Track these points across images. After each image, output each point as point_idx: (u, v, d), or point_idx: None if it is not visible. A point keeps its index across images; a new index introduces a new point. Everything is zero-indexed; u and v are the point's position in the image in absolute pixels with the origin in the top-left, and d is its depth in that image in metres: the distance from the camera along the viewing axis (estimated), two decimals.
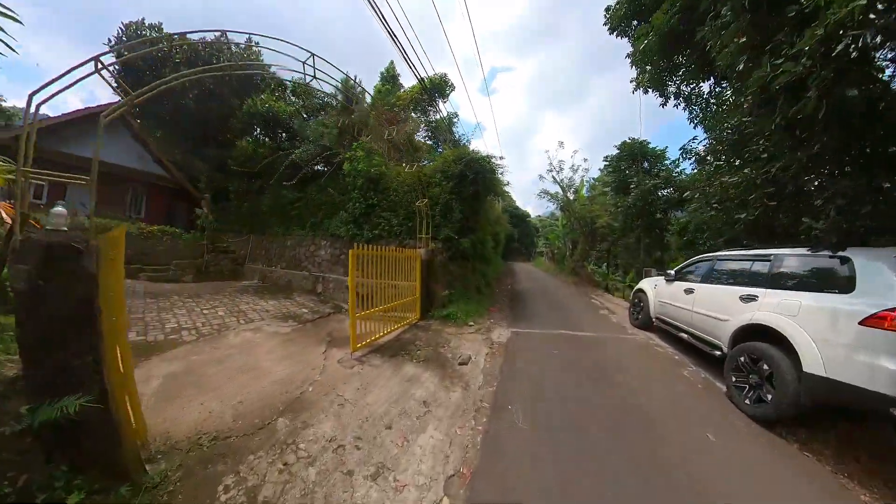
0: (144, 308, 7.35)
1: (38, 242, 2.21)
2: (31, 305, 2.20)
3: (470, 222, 9.59)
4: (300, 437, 3.17)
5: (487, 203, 11.35)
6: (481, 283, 11.18)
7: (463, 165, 8.87)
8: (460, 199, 9.14)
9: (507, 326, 8.01)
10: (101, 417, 2.27)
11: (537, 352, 6.31)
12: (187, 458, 2.80)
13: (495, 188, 10.19)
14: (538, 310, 10.27)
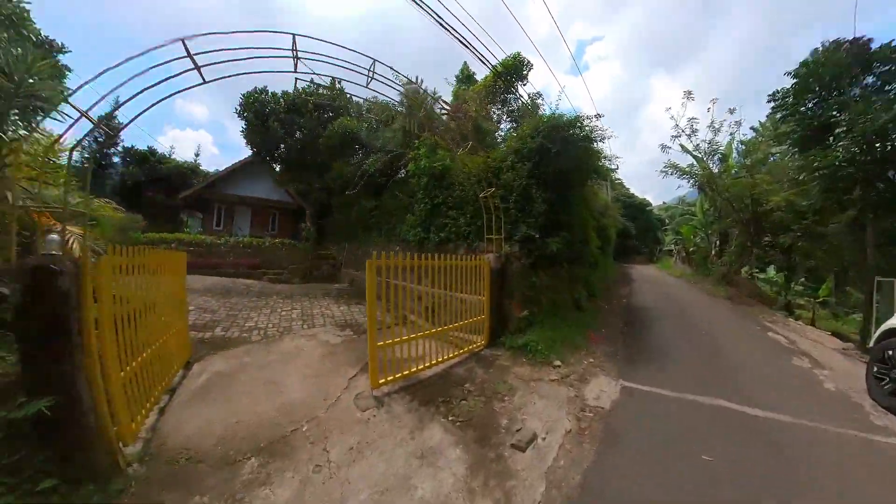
0: (243, 306, 8.07)
1: (27, 264, 2.40)
2: (21, 318, 2.40)
3: (560, 215, 6.72)
4: (253, 496, 2.52)
5: (586, 189, 8.10)
6: (581, 296, 7.95)
7: (542, 137, 6.17)
8: (543, 184, 6.44)
9: (614, 374, 4.87)
10: (72, 419, 2.42)
11: (669, 448, 3.19)
12: (160, 469, 2.74)
13: (594, 164, 6.99)
14: (670, 344, 6.34)
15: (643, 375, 4.80)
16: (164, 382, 3.81)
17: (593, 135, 6.71)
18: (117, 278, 3.00)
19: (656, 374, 4.85)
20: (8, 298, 2.77)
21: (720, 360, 5.59)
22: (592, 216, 9.30)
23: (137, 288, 3.39)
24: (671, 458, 2.99)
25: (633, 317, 8.46)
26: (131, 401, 3.00)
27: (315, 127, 12.14)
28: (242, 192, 16.74)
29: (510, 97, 11.30)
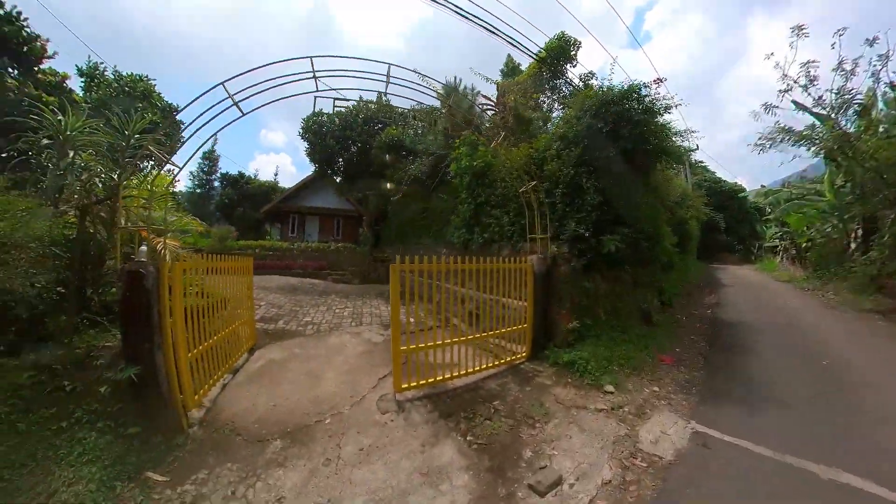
0: (306, 303, 8.66)
1: (125, 269, 3.06)
2: (124, 308, 3.09)
3: (619, 208, 5.58)
4: (269, 475, 2.73)
5: (654, 174, 6.67)
6: (650, 306, 6.56)
7: (589, 116, 5.19)
8: (595, 172, 5.44)
9: (686, 412, 3.63)
10: (153, 385, 3.07)
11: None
12: (211, 433, 3.20)
13: (661, 142, 5.63)
14: (774, 377, 4.48)
15: (728, 419, 3.45)
16: (229, 363, 4.42)
17: (655, 106, 5.40)
18: (191, 279, 3.66)
19: (748, 420, 3.43)
20: None
21: (854, 408, 3.64)
22: (664, 207, 7.63)
23: (207, 286, 4.03)
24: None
25: (722, 334, 6.42)
26: (197, 376, 3.52)
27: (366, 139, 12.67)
28: (311, 203, 18.55)
29: (559, 82, 10.09)
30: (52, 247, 3.57)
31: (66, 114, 3.83)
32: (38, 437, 2.76)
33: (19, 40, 8.58)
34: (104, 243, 3.75)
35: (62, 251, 3.59)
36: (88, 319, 3.63)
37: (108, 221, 3.73)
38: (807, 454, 2.82)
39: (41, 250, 3.50)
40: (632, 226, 5.65)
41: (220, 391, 3.90)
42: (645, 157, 5.61)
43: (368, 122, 12.94)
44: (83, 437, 2.82)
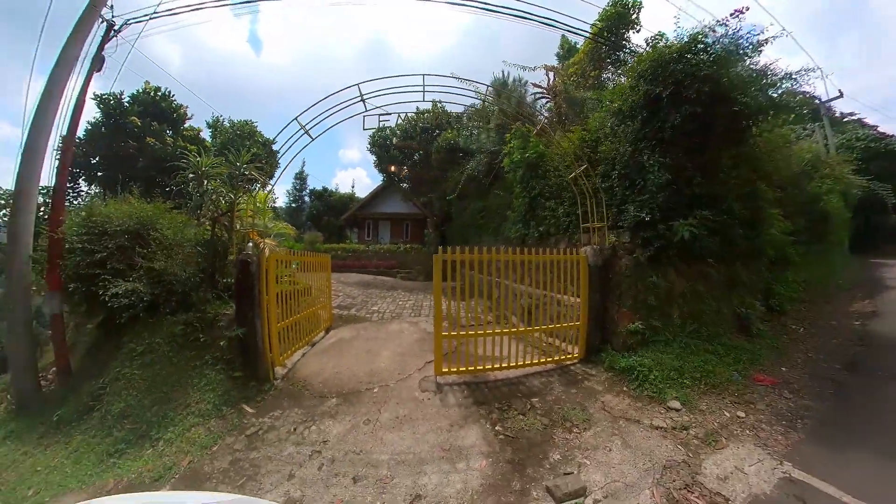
0: (376, 296, 9.71)
1: (238, 259, 4.11)
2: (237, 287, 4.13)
3: (696, 186, 4.50)
4: (322, 423, 3.28)
5: (751, 139, 5.11)
6: (751, 311, 5.05)
7: (646, 83, 4.33)
8: (660, 145, 4.53)
9: (778, 450, 2.64)
10: (252, 344, 3.99)
11: None
12: (288, 385, 4.05)
13: (756, 97, 4.27)
14: None
15: (849, 472, 2.35)
16: (309, 337, 5.43)
17: (736, 50, 4.17)
18: (283, 271, 4.70)
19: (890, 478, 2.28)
20: None
21: None
22: (770, 182, 5.75)
23: (296, 277, 5.10)
24: None
25: (872, 356, 4.51)
26: (282, 343, 4.44)
27: (426, 146, 13.22)
28: (382, 209, 20.54)
29: (623, 53, 8.67)
30: (196, 246, 4.93)
31: (202, 156, 5.41)
32: (183, 369, 3.96)
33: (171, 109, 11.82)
34: (227, 243, 5.00)
35: (201, 249, 4.93)
36: (216, 295, 4.88)
37: (229, 227, 4.84)
38: None
39: (190, 248, 4.89)
40: (716, 208, 4.47)
41: (299, 357, 4.81)
42: (729, 119, 4.40)
43: (426, 130, 13.51)
44: (207, 373, 3.91)
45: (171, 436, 3.19)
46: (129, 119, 9.72)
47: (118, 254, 4.77)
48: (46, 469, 3.24)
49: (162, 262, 4.55)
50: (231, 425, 3.26)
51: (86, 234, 4.88)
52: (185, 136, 11.18)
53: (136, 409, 3.60)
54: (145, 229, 4.99)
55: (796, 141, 7.80)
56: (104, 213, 5.11)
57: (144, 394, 3.72)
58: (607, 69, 8.83)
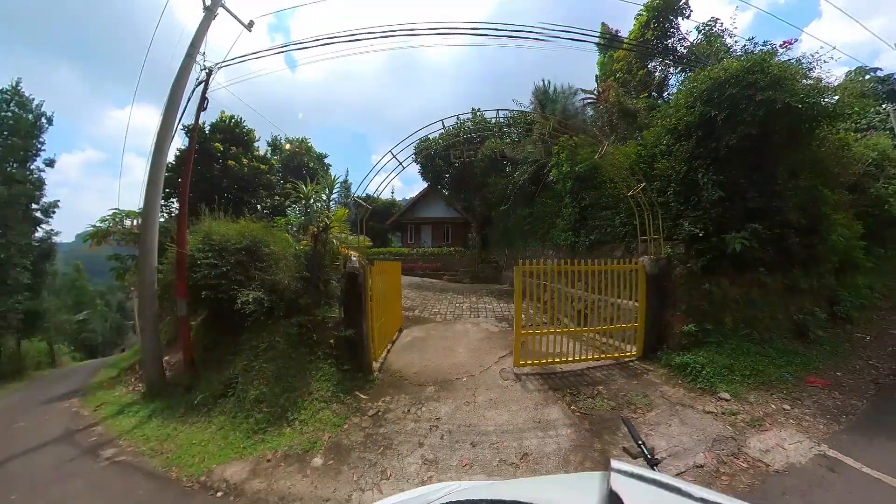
0: (431, 298, 10.98)
1: (347, 271, 5.21)
2: (345, 295, 5.33)
3: (750, 200, 5.16)
4: (428, 405, 4.19)
5: (810, 147, 5.59)
6: (811, 318, 5.54)
7: (701, 104, 4.99)
8: (715, 163, 5.21)
9: (819, 435, 3.29)
10: (360, 342, 5.07)
11: None
12: (387, 377, 5.12)
13: (814, 108, 4.69)
14: None
15: (882, 455, 2.96)
16: (390, 337, 6.56)
17: (789, 71, 4.67)
18: (375, 278, 5.79)
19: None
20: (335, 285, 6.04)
21: None
22: (834, 188, 6.12)
23: (380, 284, 6.14)
24: None
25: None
26: (378, 340, 5.46)
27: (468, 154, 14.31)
28: (424, 214, 21.93)
29: (672, 41, 8.86)
30: (300, 259, 6.09)
31: (306, 184, 6.66)
32: (300, 363, 4.97)
33: (243, 134, 13.79)
34: (324, 256, 6.13)
35: (304, 261, 6.07)
36: (320, 301, 6.01)
37: (323, 242, 6.05)
38: None
39: (295, 261, 6.05)
40: (771, 219, 5.09)
41: (386, 354, 5.85)
42: (786, 132, 4.92)
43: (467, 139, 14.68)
44: (321, 366, 4.93)
45: (304, 417, 4.07)
46: (212, 145, 11.76)
47: (238, 267, 6.01)
48: (201, 442, 3.97)
49: (278, 274, 5.70)
50: (352, 409, 4.20)
51: (209, 251, 6.12)
52: (256, 157, 13.18)
53: (269, 395, 4.48)
54: (257, 246, 6.24)
55: (863, 137, 7.86)
56: (220, 233, 6.38)
57: (274, 383, 4.65)
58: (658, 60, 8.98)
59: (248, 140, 13.34)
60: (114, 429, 4.68)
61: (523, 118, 9.63)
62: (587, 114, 9.58)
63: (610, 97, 8.06)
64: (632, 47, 9.01)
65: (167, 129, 6.78)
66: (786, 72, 4.76)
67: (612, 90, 8.47)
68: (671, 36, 8.88)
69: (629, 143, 6.80)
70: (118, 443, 4.24)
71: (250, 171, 11.54)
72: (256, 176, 11.64)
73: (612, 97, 8.13)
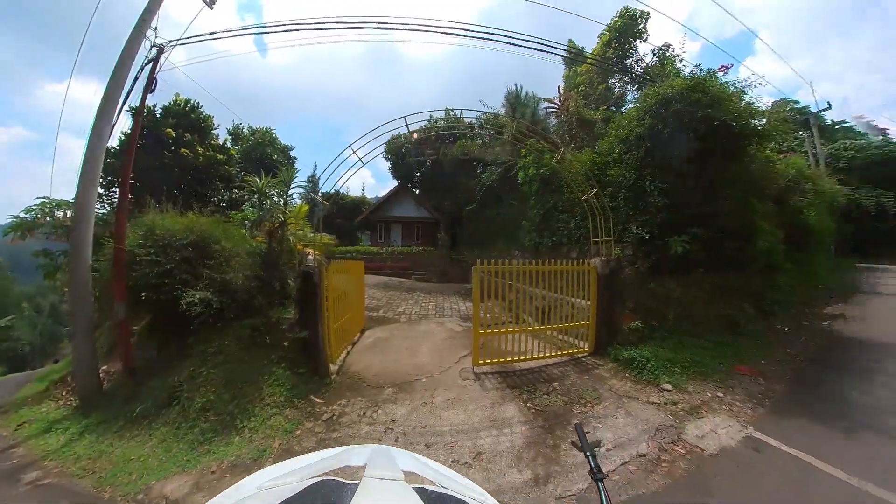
0: (397, 298, 10.67)
1: (302, 270, 4.91)
2: (299, 295, 4.99)
3: (692, 207, 5.56)
4: (385, 407, 4.07)
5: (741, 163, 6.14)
6: (741, 314, 6.12)
7: (650, 117, 5.32)
8: (661, 172, 5.55)
9: (746, 419, 3.63)
10: (315, 344, 4.78)
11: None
12: (345, 379, 4.88)
13: (746, 126, 5.23)
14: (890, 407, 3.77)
15: (799, 433, 3.30)
16: (350, 338, 6.31)
17: (726, 92, 5.15)
18: (333, 277, 5.47)
19: (827, 440, 3.20)
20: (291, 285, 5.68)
21: None
22: (761, 198, 6.82)
23: (340, 283, 5.89)
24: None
25: (834, 351, 5.65)
26: (336, 342, 5.22)
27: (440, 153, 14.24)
28: (394, 212, 21.51)
29: (630, 62, 9.66)
30: (255, 257, 5.71)
31: (259, 175, 6.18)
32: (252, 366, 4.66)
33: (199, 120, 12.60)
34: (280, 254, 5.79)
35: (259, 259, 5.70)
36: (275, 301, 5.66)
37: (280, 239, 5.69)
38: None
39: (249, 259, 5.64)
40: (709, 225, 5.53)
41: (346, 356, 5.62)
42: (724, 146, 5.38)
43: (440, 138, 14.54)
44: (274, 370, 4.64)
45: (254, 424, 3.83)
46: (163, 130, 10.60)
47: (184, 265, 5.49)
48: (139, 457, 3.59)
49: (228, 273, 5.31)
50: (306, 413, 4.00)
51: (151, 247, 5.54)
52: (213, 146, 12.04)
53: (217, 402, 4.19)
54: (206, 242, 5.80)
55: (784, 157, 8.88)
56: (165, 227, 5.78)
57: (222, 389, 4.35)
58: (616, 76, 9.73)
59: (206, 127, 12.19)
60: (38, 449, 4.08)
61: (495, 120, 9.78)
62: (550, 122, 9.93)
63: (570, 107, 8.40)
64: (594, 63, 9.51)
65: (110, 109, 6.00)
66: (724, 93, 5.23)
67: (571, 100, 8.85)
68: (630, 56, 9.58)
69: (585, 151, 7.11)
70: (43, 464, 3.73)
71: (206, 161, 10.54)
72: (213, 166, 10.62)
73: (572, 107, 8.48)
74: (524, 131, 7.78)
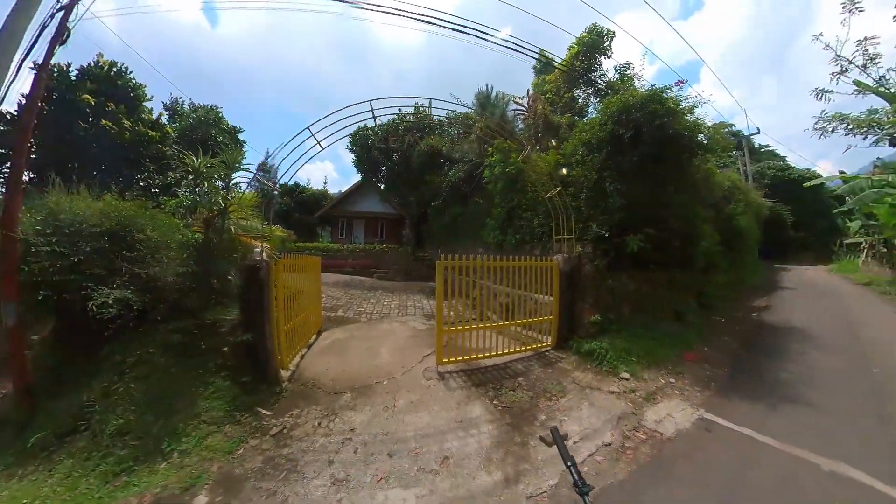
0: (358, 297, 10.03)
1: (246, 264, 4.29)
2: (243, 292, 4.29)
3: (646, 209, 5.85)
4: (343, 414, 3.70)
5: (688, 172, 6.67)
6: (686, 307, 6.61)
7: (612, 123, 5.53)
8: (620, 175, 5.77)
9: (697, 402, 3.90)
10: (262, 348, 4.18)
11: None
12: (298, 386, 4.34)
13: (693, 140, 5.70)
14: (810, 382, 4.33)
15: (741, 411, 3.67)
16: (305, 340, 5.71)
17: (679, 107, 5.55)
18: (284, 274, 4.91)
19: (763, 415, 3.59)
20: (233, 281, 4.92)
21: (886, 416, 3.52)
22: (706, 205, 7.51)
23: (293, 280, 5.31)
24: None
25: (761, 337, 6.38)
26: (288, 345, 4.67)
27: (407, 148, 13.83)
28: (357, 208, 20.47)
29: (594, 75, 10.23)
30: (186, 249, 4.91)
31: (198, 155, 5.25)
32: (184, 379, 3.98)
33: (129, 88, 10.76)
34: (219, 246, 5.03)
35: (194, 252, 4.91)
36: (212, 300, 4.88)
37: (221, 230, 4.99)
38: (817, 449, 2.93)
39: (182, 252, 4.85)
40: (660, 226, 5.87)
41: (300, 359, 5.09)
42: (674, 156, 5.78)
43: (408, 132, 14.13)
44: (213, 381, 4.00)
45: (186, 446, 3.24)
46: (79, 97, 8.76)
47: (97, 258, 4.59)
48: (35, 499, 2.94)
49: (154, 267, 4.53)
50: (251, 428, 3.48)
51: (53, 235, 4.59)
52: (144, 121, 10.24)
53: (138, 424, 3.51)
54: (127, 230, 4.86)
55: (721, 171, 9.99)
56: (73, 211, 4.82)
57: (145, 408, 3.66)
58: (580, 88, 10.25)
59: (136, 97, 10.27)
60: None
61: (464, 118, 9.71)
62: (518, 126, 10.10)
63: (538, 109, 8.59)
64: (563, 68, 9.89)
65: (3, 61, 4.86)
66: (676, 106, 5.61)
67: (539, 102, 9.08)
68: (595, 70, 10.11)
69: (550, 153, 7.27)
70: None
71: (135, 138, 8.92)
72: (143, 144, 8.96)
73: (540, 109, 8.68)
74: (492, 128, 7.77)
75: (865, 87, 8.63)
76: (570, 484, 2.57)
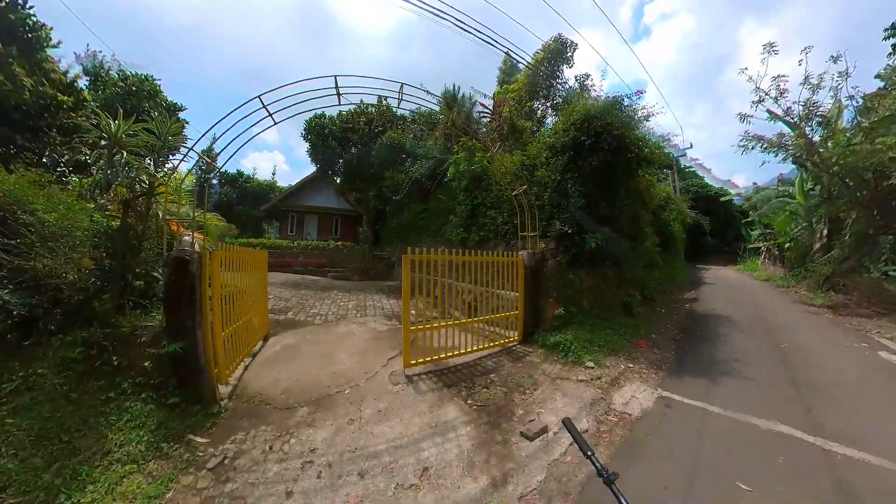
0: (310, 297, 9.14)
1: (172, 255, 3.44)
2: (169, 291, 3.47)
3: (601, 209, 6.21)
4: (300, 433, 3.20)
5: (636, 180, 7.30)
6: (632, 299, 7.16)
7: (575, 129, 5.79)
8: (580, 178, 6.04)
9: (654, 383, 4.25)
10: (193, 359, 3.44)
11: (697, 467, 2.67)
12: (241, 403, 3.66)
13: (641, 151, 6.21)
14: (734, 357, 5.11)
15: (690, 388, 4.09)
16: (248, 348, 4.87)
17: (634, 120, 6.03)
18: (223, 270, 4.07)
19: (708, 389, 4.07)
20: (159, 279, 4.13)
21: (798, 381, 4.27)
22: (647, 211, 8.31)
23: (233, 278, 4.48)
24: (697, 478, 2.54)
25: (694, 324, 7.18)
26: (227, 355, 3.97)
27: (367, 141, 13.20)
28: (310, 202, 18.93)
29: (556, 83, 10.74)
30: (96, 237, 3.94)
31: (118, 118, 4.25)
32: (89, 406, 3.13)
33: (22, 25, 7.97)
34: (141, 234, 4.15)
35: (106, 242, 3.98)
36: (131, 301, 4.02)
37: (145, 215, 4.16)
38: (753, 412, 3.44)
39: (86, 240, 3.86)
40: (612, 226, 6.29)
41: (242, 371, 4.34)
42: (626, 164, 6.23)
43: (369, 125, 13.50)
44: (130, 406, 3.21)
45: (93, 497, 2.50)
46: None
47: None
48: None
49: (44, 259, 3.52)
50: (182, 463, 2.82)
51: None
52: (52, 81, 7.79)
53: (21, 473, 2.58)
54: (8, 210, 3.81)
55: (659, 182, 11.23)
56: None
57: (31, 450, 2.74)
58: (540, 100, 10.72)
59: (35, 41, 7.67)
60: None
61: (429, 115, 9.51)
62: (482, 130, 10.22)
63: (504, 111, 8.76)
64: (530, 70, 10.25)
65: None
66: (631, 119, 6.03)
67: (505, 105, 9.27)
68: (557, 78, 10.61)
69: (516, 153, 7.44)
70: None
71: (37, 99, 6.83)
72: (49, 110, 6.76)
73: (506, 111, 8.87)
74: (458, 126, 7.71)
75: (776, 117, 10.30)
76: (557, 477, 2.48)
